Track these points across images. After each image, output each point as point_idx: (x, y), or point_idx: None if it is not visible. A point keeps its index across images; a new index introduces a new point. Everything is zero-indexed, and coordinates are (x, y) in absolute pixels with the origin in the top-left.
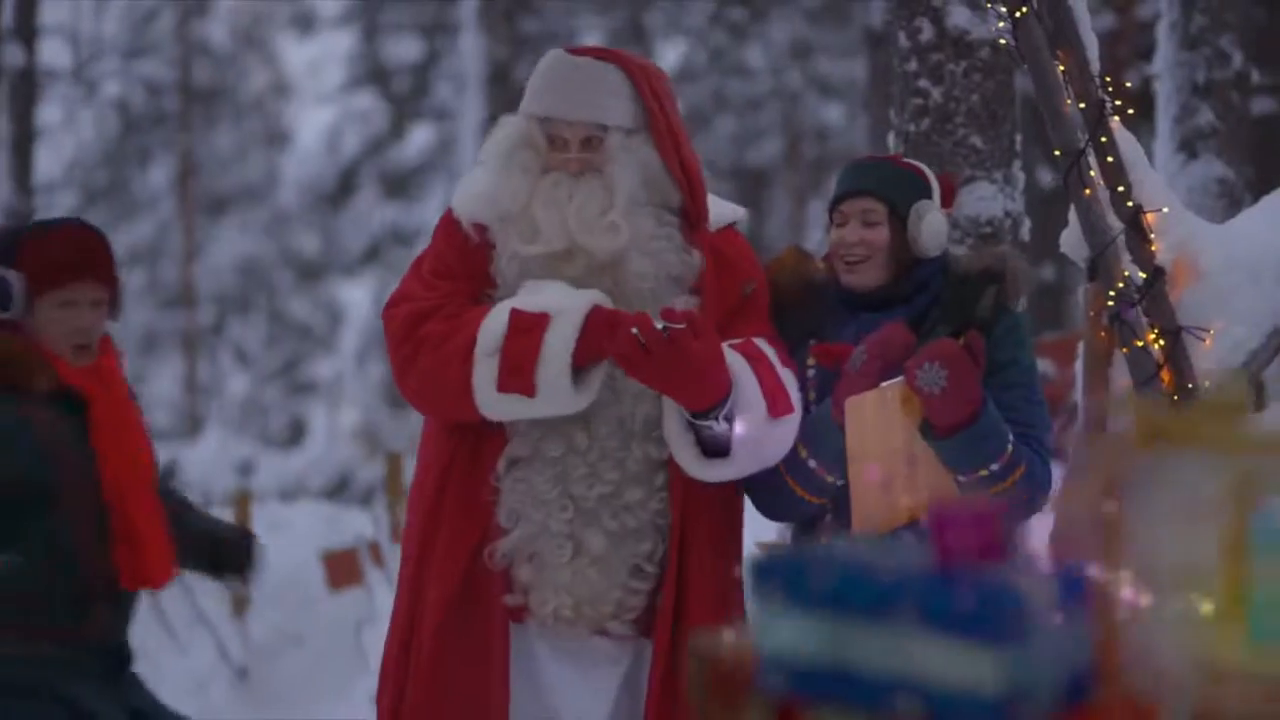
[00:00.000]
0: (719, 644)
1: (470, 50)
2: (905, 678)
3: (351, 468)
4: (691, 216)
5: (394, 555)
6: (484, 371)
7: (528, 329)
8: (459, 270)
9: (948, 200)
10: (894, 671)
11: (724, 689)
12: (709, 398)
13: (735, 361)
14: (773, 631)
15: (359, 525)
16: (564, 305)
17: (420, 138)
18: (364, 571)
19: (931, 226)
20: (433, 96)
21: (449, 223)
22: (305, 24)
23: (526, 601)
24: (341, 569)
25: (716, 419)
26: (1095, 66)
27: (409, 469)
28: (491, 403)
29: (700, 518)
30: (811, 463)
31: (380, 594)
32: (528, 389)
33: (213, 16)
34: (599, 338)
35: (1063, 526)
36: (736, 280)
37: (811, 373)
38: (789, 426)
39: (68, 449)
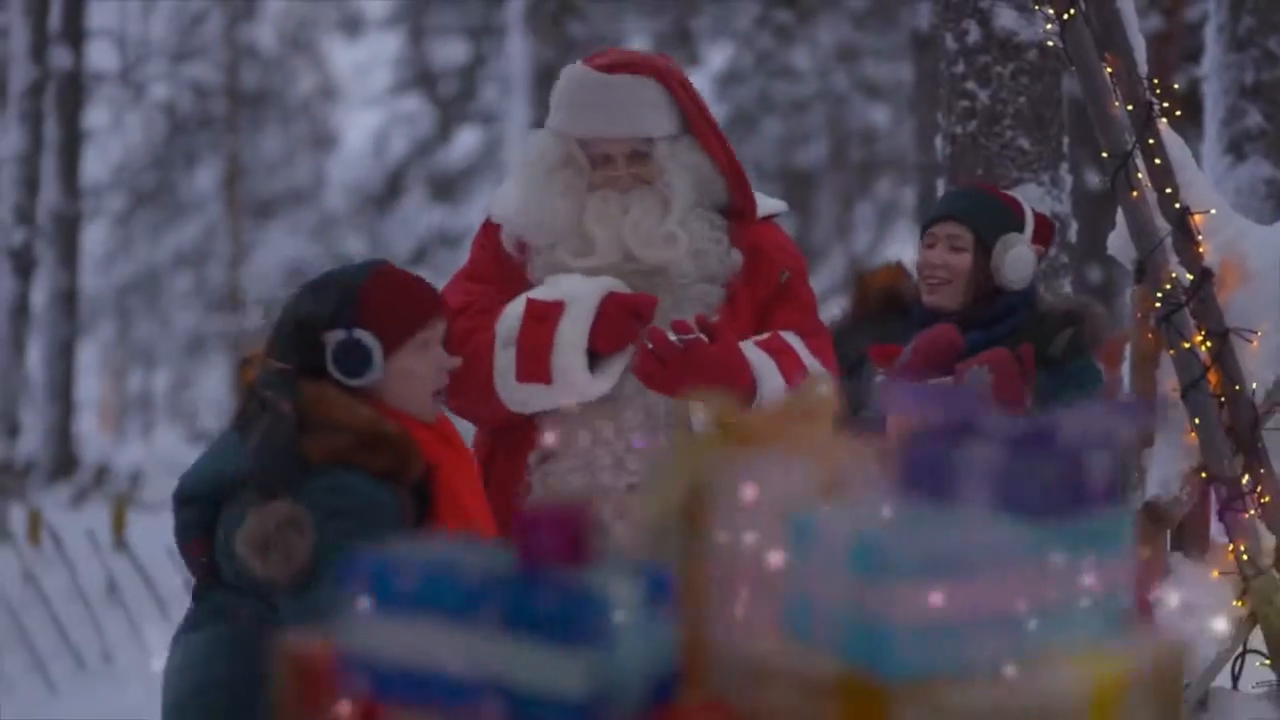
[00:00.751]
0: (306, 642)
1: (517, 53)
2: (490, 681)
3: None
4: (739, 209)
5: None
6: (503, 362)
7: (542, 317)
8: (493, 275)
9: (1043, 238)
10: (479, 675)
11: (308, 689)
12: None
13: (758, 358)
14: (357, 632)
15: None
16: (579, 293)
17: (467, 140)
18: None
19: (1016, 259)
20: (479, 99)
21: (486, 231)
22: (352, 27)
23: None
24: None
25: None
26: (1143, 68)
27: None
28: (512, 393)
29: None
30: None
31: None
32: (544, 376)
33: (260, 19)
34: (614, 324)
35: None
36: (774, 270)
37: (880, 379)
38: None
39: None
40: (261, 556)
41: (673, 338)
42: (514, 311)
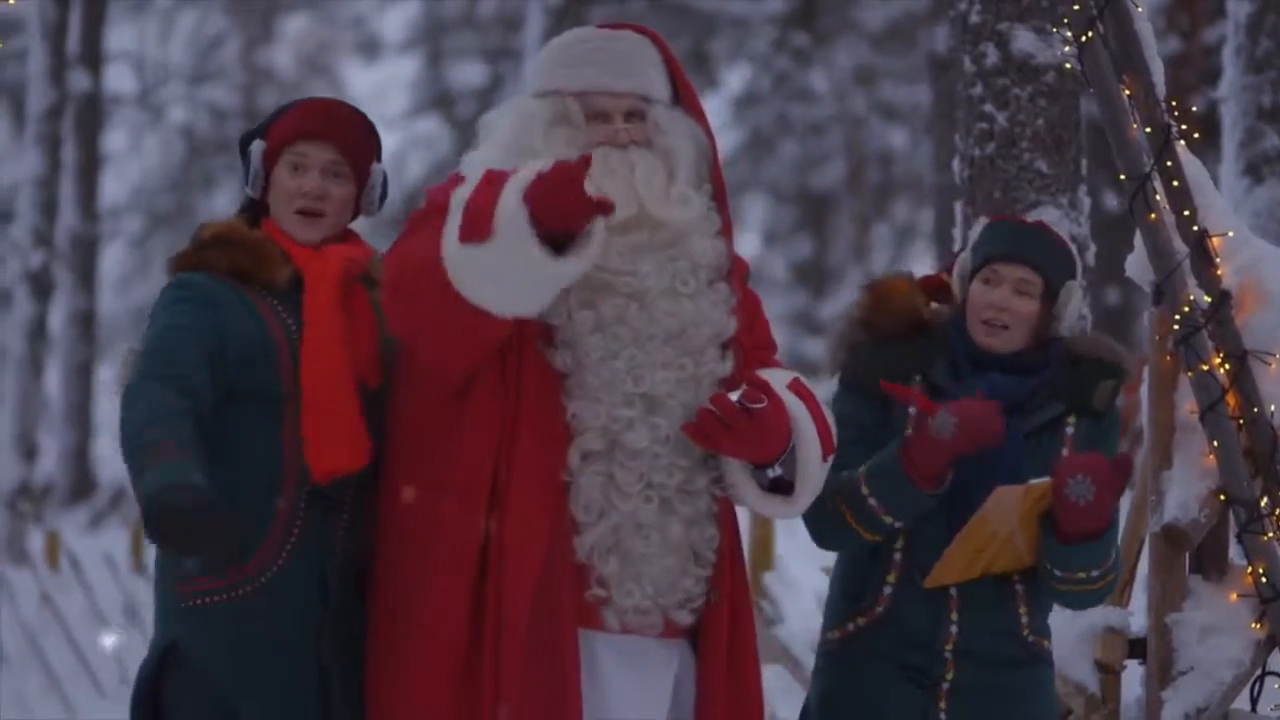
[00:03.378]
0: None
1: None
2: None
3: None
4: (719, 203)
5: None
6: (450, 228)
7: (493, 181)
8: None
9: None
10: None
11: None
12: (775, 454)
13: (796, 408)
14: None
15: None
16: (531, 164)
17: None
18: None
19: (1074, 307)
20: None
21: (454, 185)
22: (370, 50)
23: (609, 594)
24: None
25: (773, 467)
26: (1161, 91)
27: None
28: (457, 261)
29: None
30: (871, 501)
31: None
32: (485, 231)
33: (278, 43)
34: (558, 181)
35: None
36: (740, 269)
37: (912, 410)
38: (828, 463)
39: (285, 344)
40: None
41: (733, 397)
42: (468, 184)
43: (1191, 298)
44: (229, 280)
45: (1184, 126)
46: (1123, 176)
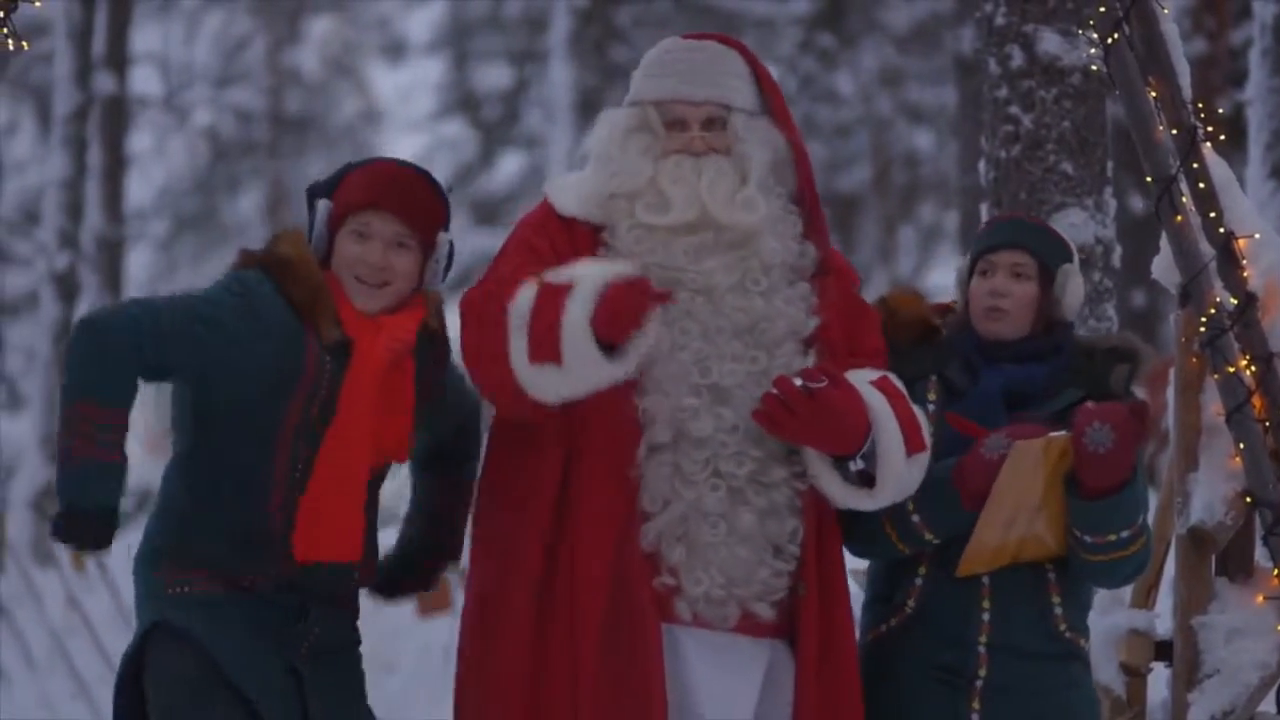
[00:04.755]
0: None
1: (560, 78)
2: None
3: None
4: (808, 207)
5: None
6: (518, 346)
7: (553, 295)
8: (544, 250)
9: None
10: None
11: None
12: (851, 445)
13: (875, 400)
14: None
15: None
16: (586, 273)
17: (510, 165)
18: (454, 599)
19: (1075, 291)
20: (522, 124)
21: (545, 213)
22: (396, 52)
23: (679, 583)
24: (431, 595)
25: (855, 460)
26: (1187, 93)
27: None
28: (529, 377)
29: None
30: (915, 517)
31: None
32: (555, 357)
33: (303, 44)
34: (620, 299)
35: None
36: (845, 279)
37: (932, 407)
38: (922, 462)
39: (318, 394)
40: None
41: (798, 383)
42: (526, 295)
43: (1218, 299)
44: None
45: (1210, 128)
46: (1149, 178)
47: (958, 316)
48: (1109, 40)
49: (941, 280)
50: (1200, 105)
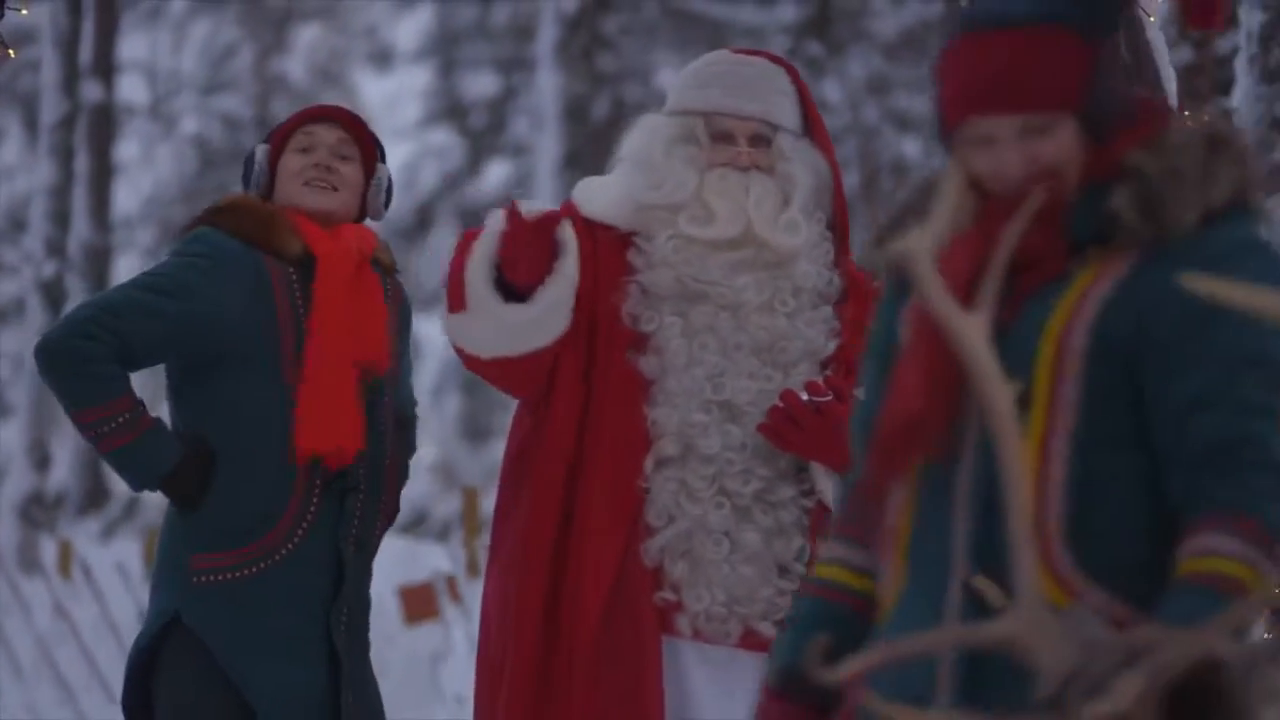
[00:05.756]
0: None
1: (547, 87)
2: None
3: (428, 503)
4: (840, 234)
5: (471, 590)
6: (443, 305)
7: (467, 241)
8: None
9: None
10: None
11: None
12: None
13: None
14: None
15: (436, 560)
16: (495, 218)
17: (497, 173)
18: (441, 606)
19: None
20: (510, 132)
21: (566, 214)
22: (383, 60)
23: (680, 599)
24: (418, 602)
25: None
26: (1173, 100)
27: (486, 504)
28: (452, 329)
29: None
30: None
31: (456, 629)
32: (462, 303)
33: (291, 52)
34: (520, 234)
35: None
36: (865, 298)
37: None
38: None
39: (289, 315)
40: None
41: (804, 397)
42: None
43: None
44: (248, 244)
45: None
46: None
47: None
48: None
49: None
50: (1186, 113)
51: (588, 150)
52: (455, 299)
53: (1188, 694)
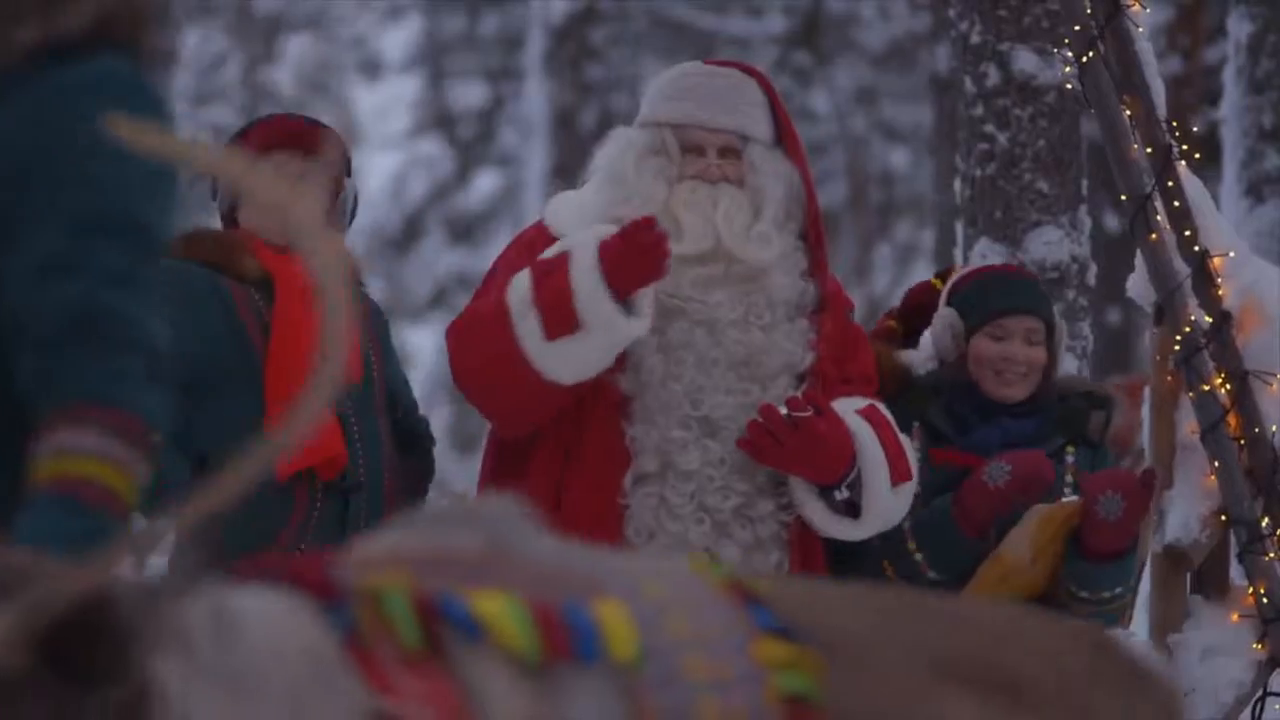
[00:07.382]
0: None
1: (535, 96)
2: None
3: None
4: (813, 243)
5: None
6: (527, 329)
7: (551, 271)
8: None
9: None
10: None
11: None
12: (835, 475)
13: (861, 429)
14: None
15: None
16: (578, 240)
17: (486, 183)
18: None
19: (1064, 346)
20: (498, 142)
21: (540, 231)
22: (371, 70)
23: None
24: None
25: (840, 489)
26: (1162, 111)
27: None
28: (547, 358)
29: (816, 532)
30: (918, 555)
31: None
32: (573, 324)
33: (279, 63)
34: (622, 255)
35: None
36: (840, 307)
37: (917, 453)
38: (907, 492)
39: (258, 331)
40: None
41: (783, 411)
42: (521, 279)
43: (1193, 318)
44: (209, 268)
45: (1185, 147)
46: (1124, 197)
47: (950, 368)
48: (1084, 59)
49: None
50: (1175, 123)
51: (576, 160)
52: (560, 320)
53: (70, 632)
